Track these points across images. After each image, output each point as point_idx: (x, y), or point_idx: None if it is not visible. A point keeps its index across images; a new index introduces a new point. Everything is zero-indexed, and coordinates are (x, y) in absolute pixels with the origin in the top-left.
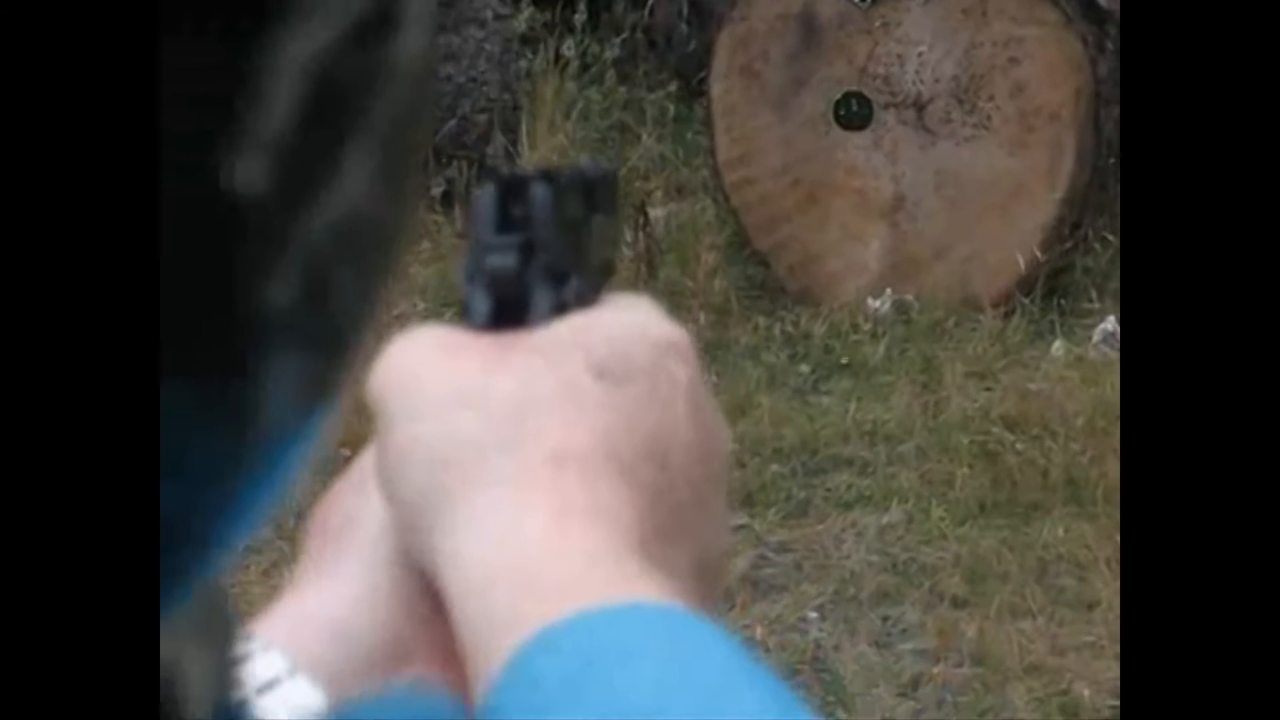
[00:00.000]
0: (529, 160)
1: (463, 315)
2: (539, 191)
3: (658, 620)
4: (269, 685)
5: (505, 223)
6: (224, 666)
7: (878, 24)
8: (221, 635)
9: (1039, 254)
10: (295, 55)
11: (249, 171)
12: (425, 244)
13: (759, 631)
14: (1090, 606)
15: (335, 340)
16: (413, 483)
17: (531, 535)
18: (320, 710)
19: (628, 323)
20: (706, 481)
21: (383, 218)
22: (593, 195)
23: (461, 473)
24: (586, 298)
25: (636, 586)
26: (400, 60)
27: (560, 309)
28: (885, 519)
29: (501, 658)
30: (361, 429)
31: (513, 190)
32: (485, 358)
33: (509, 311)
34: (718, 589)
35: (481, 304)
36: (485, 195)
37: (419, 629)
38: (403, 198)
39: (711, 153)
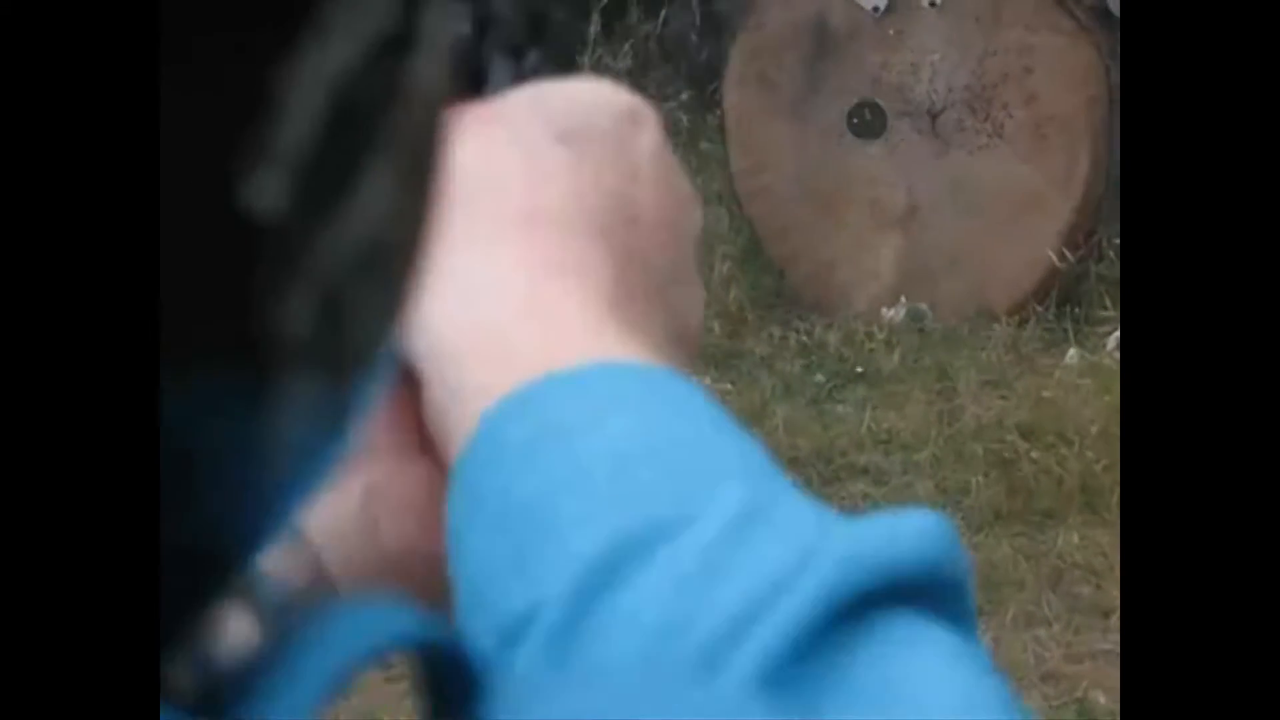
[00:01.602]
0: None
1: None
2: None
3: (632, 379)
4: None
5: None
6: None
7: (891, 33)
8: None
9: (1053, 262)
10: (316, 72)
11: (267, 188)
12: None
13: None
14: (1106, 614)
15: (353, 360)
16: None
17: (506, 293)
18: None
19: (588, 90)
20: (678, 249)
21: (402, 239)
22: None
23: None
24: (545, 74)
25: (613, 345)
26: (418, 81)
27: (518, 81)
28: None
29: (472, 424)
30: None
31: None
32: None
33: (466, 83)
34: (690, 362)
35: None
36: None
37: (388, 421)
38: (422, 220)
39: (725, 162)
